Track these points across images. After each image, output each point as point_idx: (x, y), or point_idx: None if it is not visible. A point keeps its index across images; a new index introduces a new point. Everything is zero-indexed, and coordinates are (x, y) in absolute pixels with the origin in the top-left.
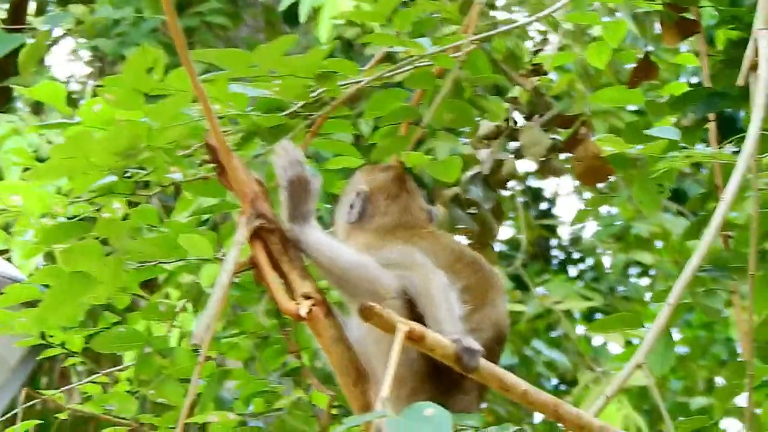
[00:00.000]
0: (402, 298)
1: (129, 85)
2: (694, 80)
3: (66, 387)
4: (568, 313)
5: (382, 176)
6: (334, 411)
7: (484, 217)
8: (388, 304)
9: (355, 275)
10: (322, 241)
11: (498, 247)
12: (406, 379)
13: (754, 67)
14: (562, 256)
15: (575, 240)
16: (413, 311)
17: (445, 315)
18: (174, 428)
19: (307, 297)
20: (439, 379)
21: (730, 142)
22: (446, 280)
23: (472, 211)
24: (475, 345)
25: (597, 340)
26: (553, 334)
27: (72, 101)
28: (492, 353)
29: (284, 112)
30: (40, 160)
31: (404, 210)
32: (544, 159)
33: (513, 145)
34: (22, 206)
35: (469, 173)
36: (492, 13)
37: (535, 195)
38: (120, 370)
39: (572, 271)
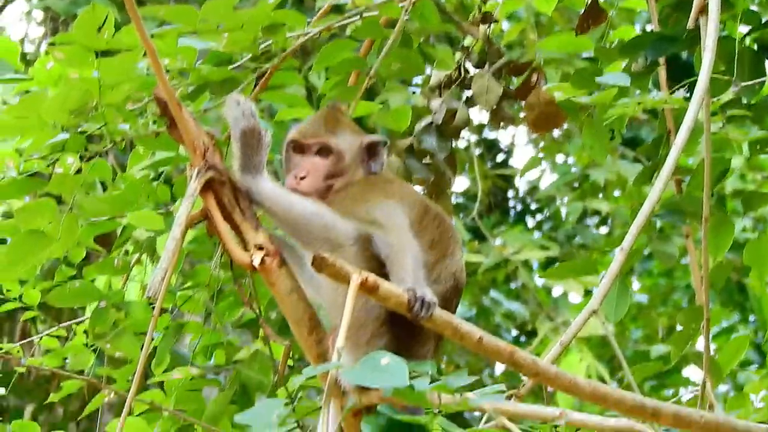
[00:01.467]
0: (359, 244)
1: (79, 43)
2: (650, 27)
3: (23, 341)
4: (527, 263)
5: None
6: (290, 362)
7: (438, 167)
8: (345, 251)
9: (310, 224)
10: (275, 192)
11: (454, 198)
12: (365, 326)
13: (703, 9)
14: (519, 207)
15: (532, 190)
16: (371, 258)
17: (409, 278)
18: (131, 381)
19: (260, 248)
20: (397, 327)
21: (682, 86)
22: (420, 249)
23: (426, 161)
24: (429, 295)
25: (557, 290)
26: (512, 285)
27: (27, 62)
28: (449, 304)
29: (233, 65)
30: None
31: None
32: (495, 107)
33: (465, 94)
34: None
35: (422, 123)
36: None
37: (491, 146)
38: (77, 324)
39: (530, 222)
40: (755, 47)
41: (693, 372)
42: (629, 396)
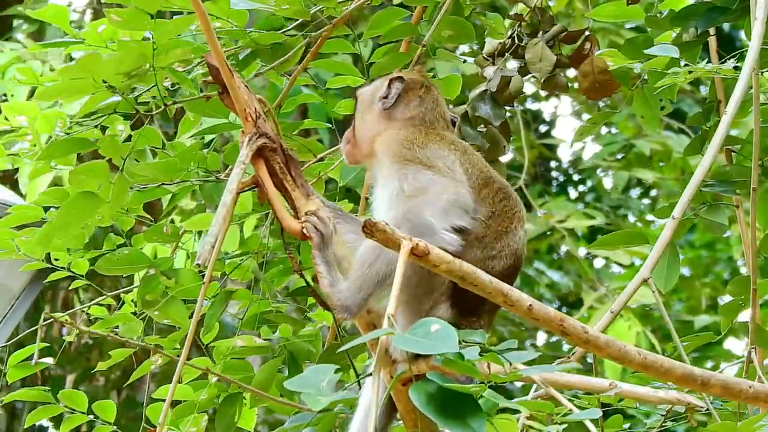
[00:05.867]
0: None
1: (136, 5)
2: None
3: (70, 311)
4: (572, 232)
5: (415, 73)
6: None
7: (493, 135)
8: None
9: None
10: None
11: None
12: (424, 297)
13: None
14: (561, 178)
15: (575, 161)
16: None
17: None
18: (178, 348)
19: (311, 215)
20: (455, 299)
21: (732, 57)
22: (466, 196)
23: (480, 128)
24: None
25: (598, 262)
26: (554, 256)
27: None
28: (508, 280)
29: (283, 30)
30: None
31: (432, 108)
32: (549, 75)
33: (514, 62)
34: (27, 126)
35: (477, 91)
36: None
37: (534, 116)
38: (125, 292)
39: (572, 193)
40: None
41: (734, 344)
42: (678, 365)
